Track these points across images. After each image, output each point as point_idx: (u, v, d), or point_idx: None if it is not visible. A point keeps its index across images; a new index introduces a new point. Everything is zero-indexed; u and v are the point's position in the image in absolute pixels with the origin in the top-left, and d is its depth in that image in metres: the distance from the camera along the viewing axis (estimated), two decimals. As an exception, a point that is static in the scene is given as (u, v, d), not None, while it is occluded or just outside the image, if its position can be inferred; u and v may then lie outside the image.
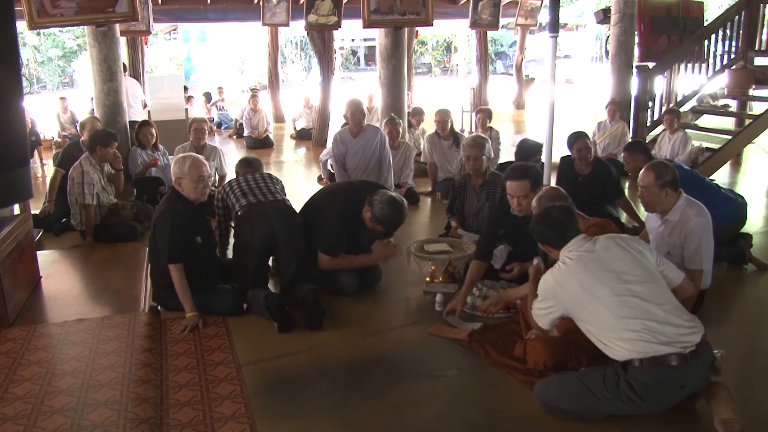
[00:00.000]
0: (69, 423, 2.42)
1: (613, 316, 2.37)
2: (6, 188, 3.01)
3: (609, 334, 2.39)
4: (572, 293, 2.45)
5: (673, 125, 6.63)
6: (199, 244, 3.51)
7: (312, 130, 10.39)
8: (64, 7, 5.28)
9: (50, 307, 3.65)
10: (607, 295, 2.38)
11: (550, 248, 2.67)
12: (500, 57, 29.67)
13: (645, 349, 2.31)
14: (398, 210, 3.59)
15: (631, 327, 2.33)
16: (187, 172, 3.44)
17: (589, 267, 2.46)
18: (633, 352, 2.33)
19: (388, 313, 3.68)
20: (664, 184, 3.20)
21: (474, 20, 9.86)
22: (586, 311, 2.44)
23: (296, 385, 2.84)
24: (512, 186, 3.49)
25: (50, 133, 10.41)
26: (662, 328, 2.32)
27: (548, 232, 2.66)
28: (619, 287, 2.39)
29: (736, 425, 2.32)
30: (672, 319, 2.36)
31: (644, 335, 2.31)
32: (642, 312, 2.34)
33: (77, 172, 4.87)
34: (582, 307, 2.45)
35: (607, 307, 2.38)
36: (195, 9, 11.85)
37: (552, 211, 2.71)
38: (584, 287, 2.43)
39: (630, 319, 2.34)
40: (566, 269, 2.50)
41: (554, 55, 3.40)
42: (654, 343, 2.30)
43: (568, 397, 2.48)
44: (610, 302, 2.38)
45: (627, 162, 4.50)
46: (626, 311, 2.35)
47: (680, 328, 2.35)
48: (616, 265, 2.44)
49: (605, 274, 2.42)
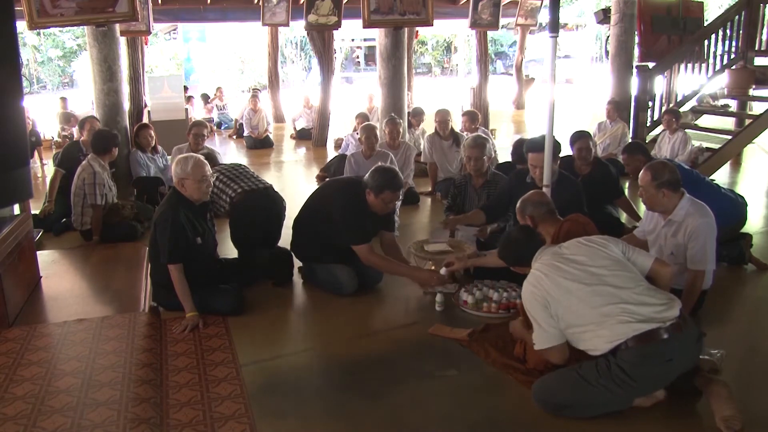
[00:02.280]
0: (69, 423, 2.41)
1: (588, 307, 2.45)
2: (6, 188, 3.02)
3: (591, 328, 2.44)
4: (550, 291, 2.51)
5: (673, 125, 6.64)
6: (200, 245, 3.52)
7: (312, 130, 10.39)
8: (64, 7, 5.27)
9: (50, 307, 3.65)
10: (579, 288, 2.47)
11: (522, 267, 2.76)
12: (500, 57, 29.69)
13: (626, 330, 2.37)
14: (387, 170, 3.70)
15: (608, 312, 2.41)
16: (190, 172, 3.45)
17: (558, 267, 2.55)
18: (616, 335, 2.38)
19: (388, 313, 3.68)
20: (660, 184, 3.19)
21: (474, 20, 9.85)
22: (565, 308, 2.49)
23: (296, 385, 2.84)
24: (532, 157, 3.91)
25: (50, 133, 10.41)
26: (638, 309, 2.40)
27: (513, 254, 2.81)
28: (589, 278, 2.48)
29: (737, 423, 2.32)
30: (646, 300, 2.43)
31: (622, 317, 2.39)
32: (615, 297, 2.43)
33: (88, 173, 4.87)
34: (559, 303, 2.50)
35: (582, 300, 2.46)
36: (195, 9, 11.85)
37: (511, 234, 2.88)
38: (557, 284, 2.51)
39: (605, 306, 2.42)
40: (538, 274, 2.58)
41: (554, 55, 3.40)
42: (633, 323, 2.37)
43: (565, 389, 2.51)
44: (583, 294, 2.46)
45: (626, 163, 4.51)
46: (600, 300, 2.44)
47: (655, 306, 2.42)
48: (582, 260, 2.55)
49: (574, 270, 2.52)
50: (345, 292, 3.78)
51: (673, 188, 3.21)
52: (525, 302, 2.62)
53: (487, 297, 3.59)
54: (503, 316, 3.41)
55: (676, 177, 3.22)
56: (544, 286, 2.53)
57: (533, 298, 2.56)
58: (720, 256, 3.95)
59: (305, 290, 4.00)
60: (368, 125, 5.77)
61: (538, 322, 2.55)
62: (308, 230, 3.90)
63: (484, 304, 3.55)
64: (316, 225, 3.85)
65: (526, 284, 2.61)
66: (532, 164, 3.95)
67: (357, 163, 5.60)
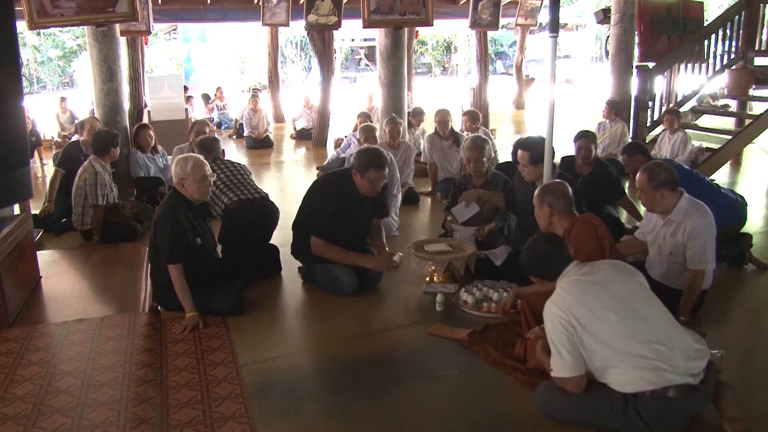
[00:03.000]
0: (69, 423, 2.42)
1: (622, 342, 2.26)
2: (6, 188, 3.02)
3: (620, 366, 2.28)
4: (579, 317, 2.30)
5: (673, 125, 6.64)
6: (200, 245, 3.52)
7: (312, 130, 10.39)
8: (64, 7, 5.27)
9: (50, 307, 3.65)
10: (614, 319, 2.27)
11: (542, 281, 2.59)
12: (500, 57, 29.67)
13: (659, 379, 2.23)
14: (371, 149, 3.84)
15: (643, 354, 2.24)
16: (190, 172, 3.45)
17: (590, 290, 2.35)
18: (647, 382, 2.24)
19: (388, 313, 3.68)
20: (657, 185, 3.19)
21: (474, 20, 9.85)
22: (593, 338, 2.29)
23: (296, 385, 2.84)
24: (519, 153, 4.03)
25: (50, 133, 10.41)
26: (672, 355, 2.25)
27: (537, 265, 2.59)
28: (624, 309, 2.29)
29: (743, 425, 2.32)
30: (679, 342, 2.29)
31: (657, 363, 2.23)
32: (651, 336, 2.26)
33: (90, 173, 4.87)
34: (587, 332, 2.29)
35: (616, 333, 2.26)
36: (195, 9, 11.85)
37: (538, 243, 2.61)
38: (588, 308, 2.30)
39: (641, 344, 2.25)
40: (566, 295, 2.37)
41: (554, 55, 3.40)
42: (667, 372, 2.23)
43: (570, 410, 2.44)
44: (617, 327, 2.27)
45: (626, 163, 4.51)
46: (635, 336, 2.25)
47: (689, 351, 2.28)
48: (617, 288, 2.36)
49: (608, 296, 2.33)
50: (345, 292, 3.78)
51: (671, 188, 3.21)
52: (546, 324, 2.40)
53: (487, 297, 3.59)
54: (503, 316, 3.41)
55: (673, 176, 3.22)
56: (572, 310, 2.31)
57: (557, 321, 2.33)
58: (720, 256, 3.94)
59: (305, 290, 4.00)
60: (367, 126, 5.78)
61: (558, 348, 2.34)
62: (305, 230, 3.91)
63: (484, 304, 3.55)
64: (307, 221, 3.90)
65: (551, 305, 2.38)
66: (519, 161, 4.02)
67: None
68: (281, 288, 4.04)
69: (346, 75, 27.03)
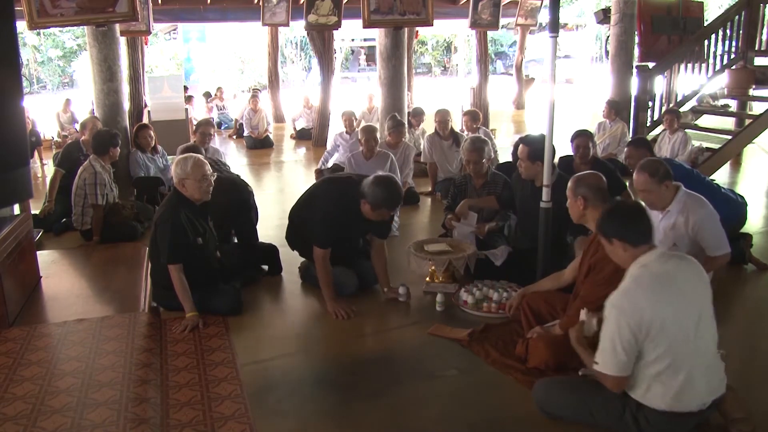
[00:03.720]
0: (69, 423, 2.41)
1: (669, 359, 2.13)
2: (6, 188, 3.02)
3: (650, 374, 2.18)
4: (650, 323, 2.10)
5: (673, 125, 6.63)
6: (200, 245, 3.52)
7: (312, 130, 10.39)
8: (64, 7, 5.27)
9: (50, 307, 3.65)
10: (678, 336, 2.12)
11: (625, 246, 2.24)
12: (500, 57, 29.66)
13: (674, 403, 2.16)
14: (390, 185, 3.45)
15: (679, 377, 2.14)
16: (190, 172, 3.45)
17: (670, 291, 2.14)
18: (660, 401, 2.17)
19: (388, 313, 3.68)
20: (661, 178, 3.22)
21: (474, 20, 9.85)
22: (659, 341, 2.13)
23: (296, 385, 2.84)
24: (519, 148, 3.97)
25: (50, 133, 10.40)
26: (700, 382, 2.17)
27: (622, 227, 2.25)
28: (691, 327, 2.14)
29: (747, 426, 2.32)
30: (713, 372, 2.23)
31: (683, 389, 2.15)
32: (697, 361, 2.16)
33: (89, 173, 4.87)
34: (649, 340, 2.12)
35: (671, 349, 2.12)
36: (195, 9, 11.84)
37: (623, 204, 2.32)
38: (660, 317, 2.10)
39: (685, 368, 2.14)
40: (638, 287, 2.15)
41: (554, 55, 3.40)
42: (686, 400, 2.17)
43: (566, 408, 2.46)
44: (675, 345, 2.12)
45: (629, 155, 4.45)
46: (685, 355, 2.14)
47: (714, 382, 2.22)
48: (694, 299, 2.17)
49: (688, 308, 2.14)
50: (345, 292, 3.78)
51: (671, 179, 3.26)
52: (610, 316, 2.16)
53: (487, 297, 3.59)
54: (503, 316, 3.41)
55: (668, 167, 3.27)
56: (644, 315, 2.09)
57: (623, 318, 2.12)
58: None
59: (305, 290, 4.00)
60: (368, 127, 5.73)
61: (614, 344, 2.15)
62: (302, 230, 3.89)
63: (484, 304, 3.55)
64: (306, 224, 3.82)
65: (622, 298, 2.16)
66: (519, 157, 3.98)
67: (357, 164, 5.60)
68: (281, 288, 4.04)
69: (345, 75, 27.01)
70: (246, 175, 8.18)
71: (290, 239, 4.08)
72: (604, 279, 2.71)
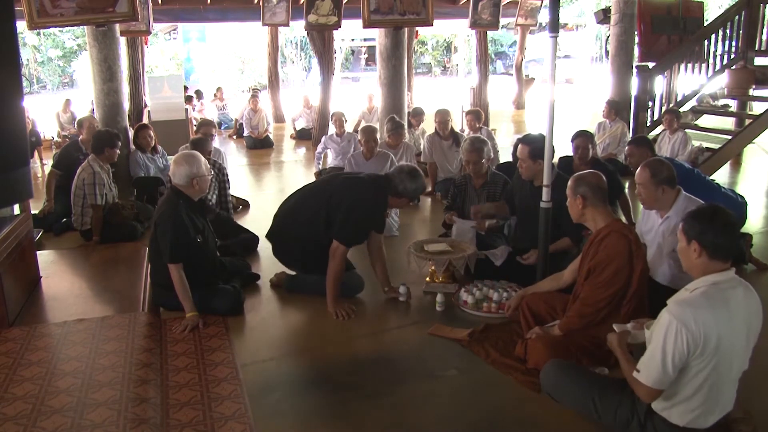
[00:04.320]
0: (69, 423, 2.41)
1: (710, 381, 2.06)
2: (6, 188, 3.02)
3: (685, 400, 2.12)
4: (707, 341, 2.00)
5: (673, 125, 6.63)
6: (200, 243, 3.52)
7: (312, 130, 10.39)
8: (64, 7, 5.27)
9: (50, 307, 3.65)
10: (724, 364, 2.05)
11: (702, 253, 2.08)
12: (500, 57, 29.65)
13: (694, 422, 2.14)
14: (418, 176, 3.68)
15: (709, 399, 2.10)
16: (203, 169, 3.53)
17: (732, 318, 2.05)
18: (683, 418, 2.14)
19: (388, 313, 3.68)
20: (660, 181, 3.20)
21: (474, 20, 9.86)
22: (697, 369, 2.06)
23: (296, 385, 2.84)
24: (519, 148, 3.95)
25: (50, 133, 10.40)
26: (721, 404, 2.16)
27: (714, 235, 2.07)
28: (736, 358, 2.08)
29: (748, 425, 2.32)
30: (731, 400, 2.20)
31: (708, 409, 2.13)
32: (726, 390, 2.14)
33: (88, 173, 4.87)
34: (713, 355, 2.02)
35: (715, 370, 2.04)
36: (195, 9, 11.84)
37: (724, 213, 2.12)
38: (718, 342, 2.00)
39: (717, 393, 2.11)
40: (707, 312, 2.01)
41: (554, 55, 3.39)
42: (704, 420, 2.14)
43: (570, 398, 2.45)
44: (722, 367, 2.05)
45: (631, 154, 4.44)
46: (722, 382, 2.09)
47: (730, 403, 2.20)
48: (746, 330, 2.09)
49: (739, 339, 2.06)
50: (353, 294, 3.82)
51: (671, 185, 3.23)
52: (669, 327, 2.02)
53: (487, 297, 3.59)
54: (503, 316, 3.41)
55: (673, 174, 3.24)
56: (706, 331, 1.99)
57: (683, 331, 1.99)
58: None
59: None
60: (368, 128, 5.74)
61: (664, 356, 2.03)
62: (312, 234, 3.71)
63: (484, 304, 3.55)
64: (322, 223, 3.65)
65: (686, 309, 2.02)
66: (518, 156, 3.96)
67: (357, 164, 5.60)
68: (281, 288, 4.04)
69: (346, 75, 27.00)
70: (246, 174, 8.19)
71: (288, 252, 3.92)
72: (604, 281, 2.72)
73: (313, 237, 3.69)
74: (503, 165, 5.65)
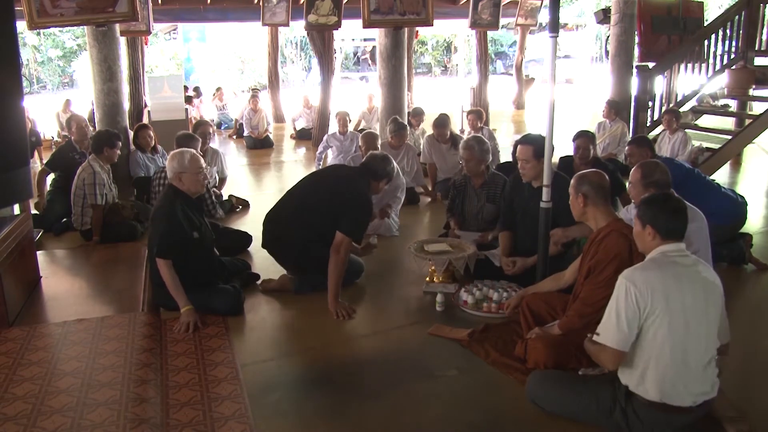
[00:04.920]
0: (69, 423, 2.41)
1: (672, 343, 2.17)
2: (6, 188, 3.02)
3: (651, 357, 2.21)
4: (655, 302, 2.18)
5: (672, 125, 6.63)
6: (197, 239, 3.52)
7: (312, 130, 10.39)
8: (64, 7, 5.27)
9: (50, 307, 3.65)
10: (680, 324, 2.17)
11: (655, 235, 2.28)
12: (500, 57, 29.65)
13: (668, 393, 2.19)
14: (390, 160, 4.04)
15: (673, 368, 2.18)
16: (188, 165, 3.49)
17: (682, 284, 2.20)
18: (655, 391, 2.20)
19: (388, 313, 3.68)
20: (648, 183, 3.17)
21: (474, 20, 9.86)
22: (653, 329, 2.19)
23: (296, 386, 2.84)
24: (519, 149, 3.88)
25: (50, 133, 10.40)
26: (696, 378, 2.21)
27: (664, 218, 2.28)
28: (693, 322, 2.18)
29: (745, 425, 2.32)
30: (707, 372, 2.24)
31: (680, 379, 2.19)
32: (693, 358, 2.19)
33: (88, 173, 4.87)
34: (660, 325, 2.17)
35: (673, 332, 2.16)
36: (195, 9, 11.84)
37: (674, 198, 2.37)
38: (666, 295, 2.17)
39: (681, 358, 2.18)
40: (654, 275, 2.21)
41: (554, 55, 3.39)
42: (679, 391, 2.20)
43: (556, 403, 2.48)
44: (679, 330, 2.16)
45: (632, 155, 4.43)
46: (684, 348, 2.17)
47: (708, 381, 2.24)
48: (700, 297, 2.22)
49: (689, 300, 2.19)
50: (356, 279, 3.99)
51: (660, 189, 3.18)
52: (619, 288, 2.23)
53: (487, 297, 3.59)
54: (503, 316, 3.41)
55: (666, 180, 3.19)
56: (653, 293, 2.17)
57: (632, 292, 2.19)
58: (720, 256, 3.95)
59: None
60: (369, 134, 5.76)
61: (619, 315, 2.21)
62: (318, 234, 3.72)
63: (484, 304, 3.55)
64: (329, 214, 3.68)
65: (633, 270, 2.24)
66: (519, 157, 3.90)
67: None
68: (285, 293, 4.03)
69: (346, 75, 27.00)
70: (246, 174, 8.19)
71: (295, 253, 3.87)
72: (604, 281, 2.71)
73: (319, 236, 3.70)
74: (503, 165, 5.64)
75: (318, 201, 3.81)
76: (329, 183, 3.96)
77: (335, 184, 3.88)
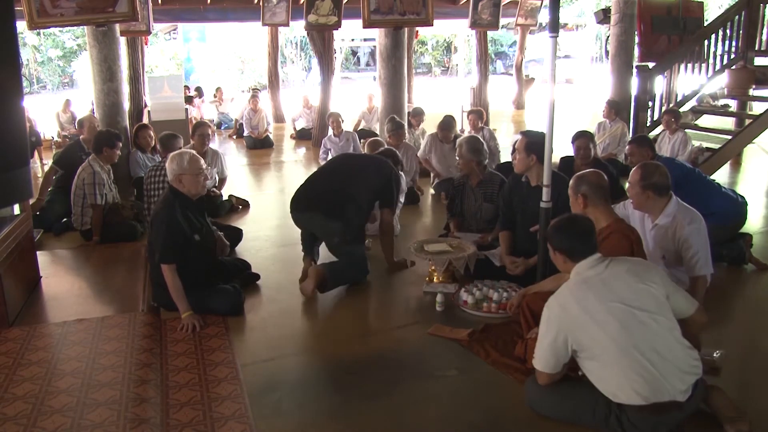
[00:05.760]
0: (69, 423, 2.41)
1: (618, 349, 2.22)
2: (6, 188, 3.02)
3: (613, 368, 2.25)
4: (575, 317, 2.29)
5: (672, 125, 6.62)
6: (198, 242, 3.51)
7: (312, 130, 10.39)
8: (64, 7, 5.28)
9: (50, 307, 3.65)
10: (612, 323, 2.23)
11: (565, 258, 2.45)
12: (500, 57, 29.67)
13: (647, 391, 2.20)
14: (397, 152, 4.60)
15: (637, 362, 2.20)
16: (187, 167, 3.47)
17: (598, 293, 2.30)
18: (634, 394, 2.21)
19: (388, 313, 3.68)
20: (647, 185, 3.16)
21: (474, 20, 9.87)
22: (589, 338, 2.27)
23: (296, 386, 2.84)
24: (517, 140, 3.97)
25: (50, 133, 10.41)
26: (667, 368, 2.21)
27: (568, 242, 2.44)
28: (626, 315, 2.24)
29: (744, 425, 2.32)
30: (679, 358, 2.25)
31: (648, 374, 2.20)
32: (650, 345, 2.22)
33: (87, 173, 4.87)
34: (585, 331, 2.27)
35: (614, 339, 2.22)
36: (195, 9, 11.85)
37: (578, 221, 2.49)
38: (589, 312, 2.27)
39: (637, 353, 2.20)
40: (570, 293, 2.35)
41: (554, 55, 3.39)
42: (656, 385, 2.20)
43: (552, 409, 2.48)
44: (617, 334, 2.22)
45: (633, 154, 4.43)
46: (633, 342, 2.21)
47: (685, 367, 2.25)
48: (625, 295, 2.28)
49: (614, 303, 2.26)
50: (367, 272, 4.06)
51: (658, 192, 3.19)
52: (543, 316, 2.39)
53: (487, 297, 3.59)
54: (503, 316, 3.41)
55: (665, 182, 3.19)
56: (571, 314, 2.29)
57: (554, 318, 2.34)
58: (720, 256, 3.95)
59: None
60: (374, 141, 5.74)
61: (543, 344, 2.37)
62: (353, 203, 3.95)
63: (484, 304, 3.55)
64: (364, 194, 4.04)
65: (554, 301, 2.37)
66: (515, 147, 3.98)
67: None
68: (281, 288, 4.04)
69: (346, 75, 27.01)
70: (246, 174, 8.19)
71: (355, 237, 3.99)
72: None
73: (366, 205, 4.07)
74: (503, 165, 5.64)
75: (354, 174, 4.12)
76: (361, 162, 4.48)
77: (378, 165, 4.24)
